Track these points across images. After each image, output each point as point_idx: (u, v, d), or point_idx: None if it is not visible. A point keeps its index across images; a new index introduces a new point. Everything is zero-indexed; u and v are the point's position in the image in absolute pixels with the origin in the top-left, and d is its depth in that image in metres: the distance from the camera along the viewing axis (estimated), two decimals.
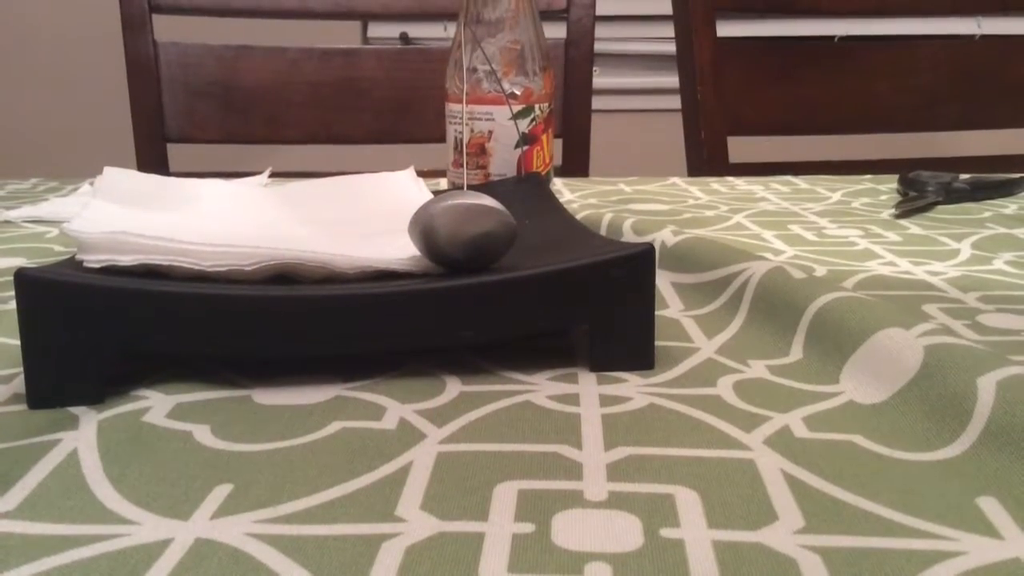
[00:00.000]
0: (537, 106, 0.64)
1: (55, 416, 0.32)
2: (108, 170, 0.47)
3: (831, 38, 1.95)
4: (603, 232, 0.58)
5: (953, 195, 0.72)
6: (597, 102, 1.19)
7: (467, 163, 0.64)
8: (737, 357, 0.38)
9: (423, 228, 0.36)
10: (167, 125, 1.11)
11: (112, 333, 0.33)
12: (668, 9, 1.13)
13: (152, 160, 1.10)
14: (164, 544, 0.24)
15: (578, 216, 0.60)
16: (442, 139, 0.68)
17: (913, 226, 0.64)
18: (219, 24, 1.13)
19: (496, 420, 0.32)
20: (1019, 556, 0.24)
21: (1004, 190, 0.74)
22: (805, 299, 0.40)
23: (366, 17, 1.16)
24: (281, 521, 0.25)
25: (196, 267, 0.35)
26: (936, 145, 1.44)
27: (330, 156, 1.22)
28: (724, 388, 0.35)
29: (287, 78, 1.11)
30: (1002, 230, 0.62)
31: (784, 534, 0.25)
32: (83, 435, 0.31)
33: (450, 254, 0.36)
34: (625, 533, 0.25)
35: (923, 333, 0.34)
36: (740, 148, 1.13)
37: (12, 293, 0.48)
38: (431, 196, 0.50)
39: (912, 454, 0.29)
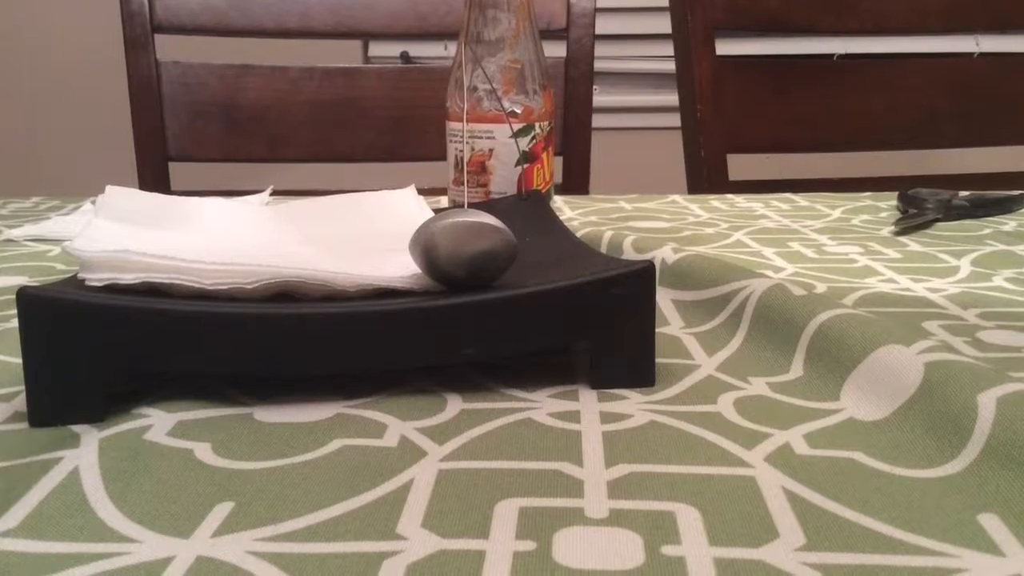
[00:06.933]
0: (537, 124, 0.64)
1: (56, 434, 0.32)
2: (110, 189, 0.47)
3: (830, 56, 1.96)
4: (603, 250, 0.58)
5: (952, 212, 0.72)
6: (597, 120, 1.20)
7: (468, 181, 0.64)
8: (738, 374, 0.38)
9: (424, 246, 0.36)
10: (169, 144, 1.11)
11: (114, 351, 0.33)
12: (667, 28, 1.14)
13: (154, 179, 1.11)
14: (165, 562, 0.24)
15: (578, 234, 0.61)
16: (443, 157, 0.69)
17: (913, 243, 0.64)
18: (221, 44, 1.13)
19: (497, 437, 0.32)
20: (1020, 573, 0.24)
21: (1003, 207, 0.75)
22: (805, 316, 0.40)
23: (367, 36, 1.17)
24: (282, 539, 0.25)
25: (198, 285, 0.35)
26: (935, 162, 1.44)
27: (331, 174, 1.22)
28: (725, 405, 0.35)
29: (288, 97, 1.12)
30: (1001, 247, 0.62)
31: (785, 551, 0.25)
32: (84, 453, 0.31)
33: (451, 272, 0.36)
34: (626, 550, 0.25)
35: (923, 350, 0.34)
36: (740, 166, 1.13)
37: (14, 311, 0.48)
38: (432, 214, 0.50)
39: (913, 471, 0.29)
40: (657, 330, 0.44)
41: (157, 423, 0.33)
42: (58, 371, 0.33)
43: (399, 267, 0.38)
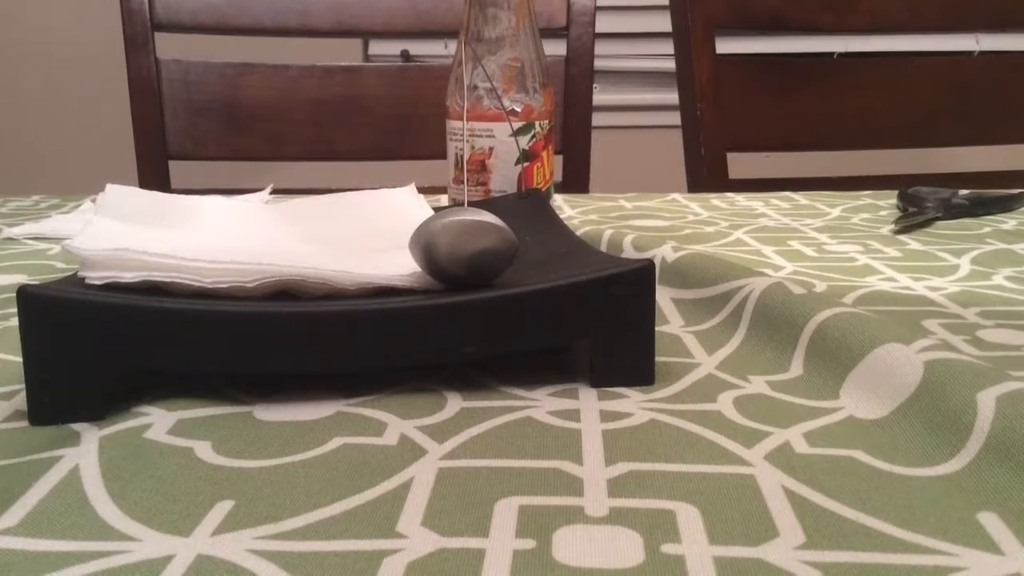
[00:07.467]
0: (537, 123, 0.64)
1: (57, 433, 0.32)
2: (110, 187, 0.47)
3: (830, 55, 1.96)
4: (603, 248, 0.58)
5: (952, 211, 0.72)
6: (597, 119, 1.20)
7: (468, 180, 0.64)
8: (737, 373, 0.38)
9: (424, 244, 0.36)
10: (169, 142, 1.11)
11: (114, 350, 0.33)
12: (668, 26, 1.14)
13: (154, 177, 1.11)
14: (165, 560, 0.24)
15: (578, 232, 0.61)
16: (443, 156, 0.69)
17: (912, 242, 0.64)
18: (221, 42, 1.13)
19: (497, 436, 0.32)
20: (1020, 571, 0.24)
21: (1003, 206, 0.75)
22: (805, 315, 0.40)
23: (367, 35, 1.17)
24: (282, 537, 0.25)
25: (198, 284, 0.35)
26: (935, 161, 1.44)
27: (331, 173, 1.22)
28: (724, 404, 0.35)
29: (289, 95, 1.12)
30: (1001, 245, 0.62)
31: (785, 550, 0.25)
32: (84, 452, 0.31)
33: (451, 270, 0.36)
34: (626, 549, 0.25)
35: (923, 348, 0.34)
36: (740, 164, 1.13)
37: (14, 310, 0.48)
38: (432, 213, 0.50)
39: (912, 469, 0.29)
40: (657, 328, 0.44)
41: (157, 421, 0.33)
42: (58, 369, 0.33)
43: (399, 266, 0.38)
